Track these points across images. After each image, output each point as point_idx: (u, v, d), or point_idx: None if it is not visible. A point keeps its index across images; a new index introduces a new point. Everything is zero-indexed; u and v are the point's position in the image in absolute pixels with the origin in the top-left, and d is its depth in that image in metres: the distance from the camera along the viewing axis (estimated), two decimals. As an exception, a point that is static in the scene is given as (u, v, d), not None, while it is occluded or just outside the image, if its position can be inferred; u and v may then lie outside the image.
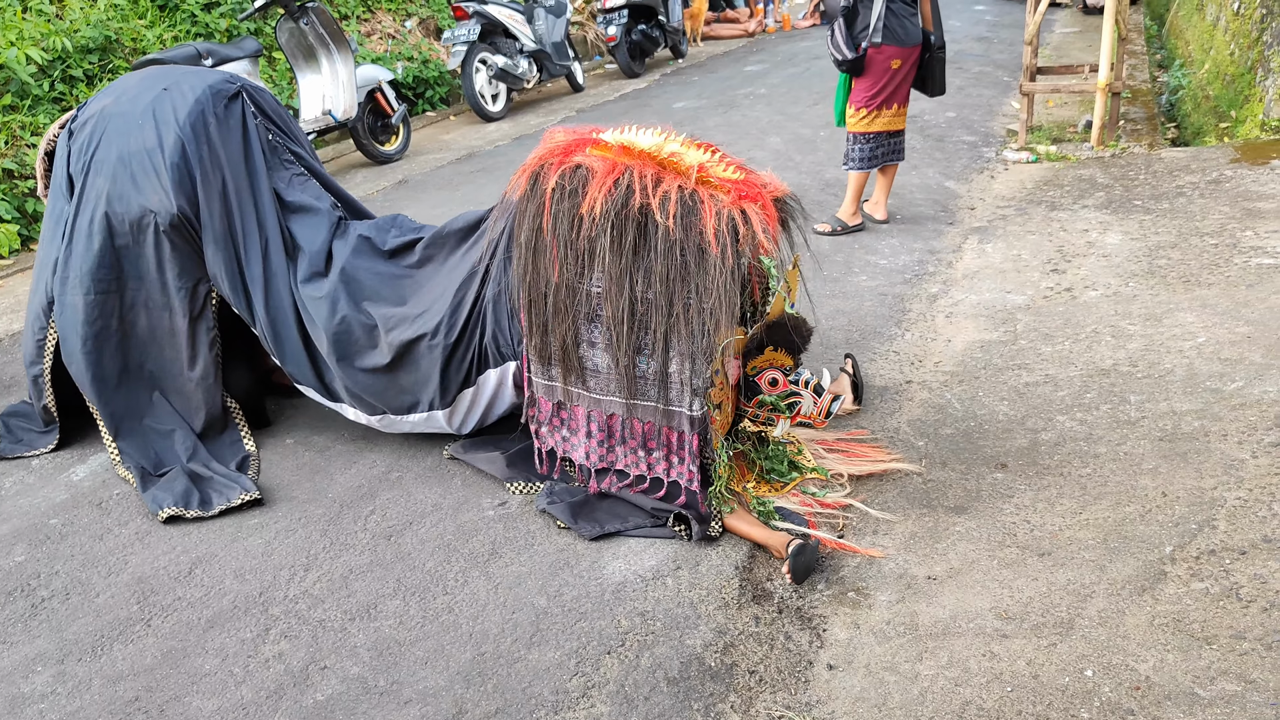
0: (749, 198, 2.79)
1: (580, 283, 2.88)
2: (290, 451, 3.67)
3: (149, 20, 8.44)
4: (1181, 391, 3.44)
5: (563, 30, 10.55)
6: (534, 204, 2.90)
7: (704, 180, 2.81)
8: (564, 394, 3.09)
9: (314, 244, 3.55)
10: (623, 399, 2.97)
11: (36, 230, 6.74)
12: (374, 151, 8.27)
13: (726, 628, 2.58)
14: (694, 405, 2.90)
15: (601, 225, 2.77)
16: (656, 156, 2.84)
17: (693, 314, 2.76)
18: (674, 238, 2.73)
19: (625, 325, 2.83)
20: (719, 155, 2.94)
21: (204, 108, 3.53)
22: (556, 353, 2.99)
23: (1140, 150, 6.64)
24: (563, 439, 3.19)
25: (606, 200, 2.77)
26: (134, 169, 3.45)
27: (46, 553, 3.14)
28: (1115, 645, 2.35)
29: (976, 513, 2.95)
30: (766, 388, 3.08)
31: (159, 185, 3.43)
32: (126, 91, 3.63)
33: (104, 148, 3.50)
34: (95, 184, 3.48)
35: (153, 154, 3.45)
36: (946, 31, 12.24)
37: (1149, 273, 4.51)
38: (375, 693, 2.44)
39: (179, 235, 3.46)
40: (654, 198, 2.75)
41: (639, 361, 2.91)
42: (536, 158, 2.95)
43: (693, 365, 2.83)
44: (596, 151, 2.90)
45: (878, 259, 5.14)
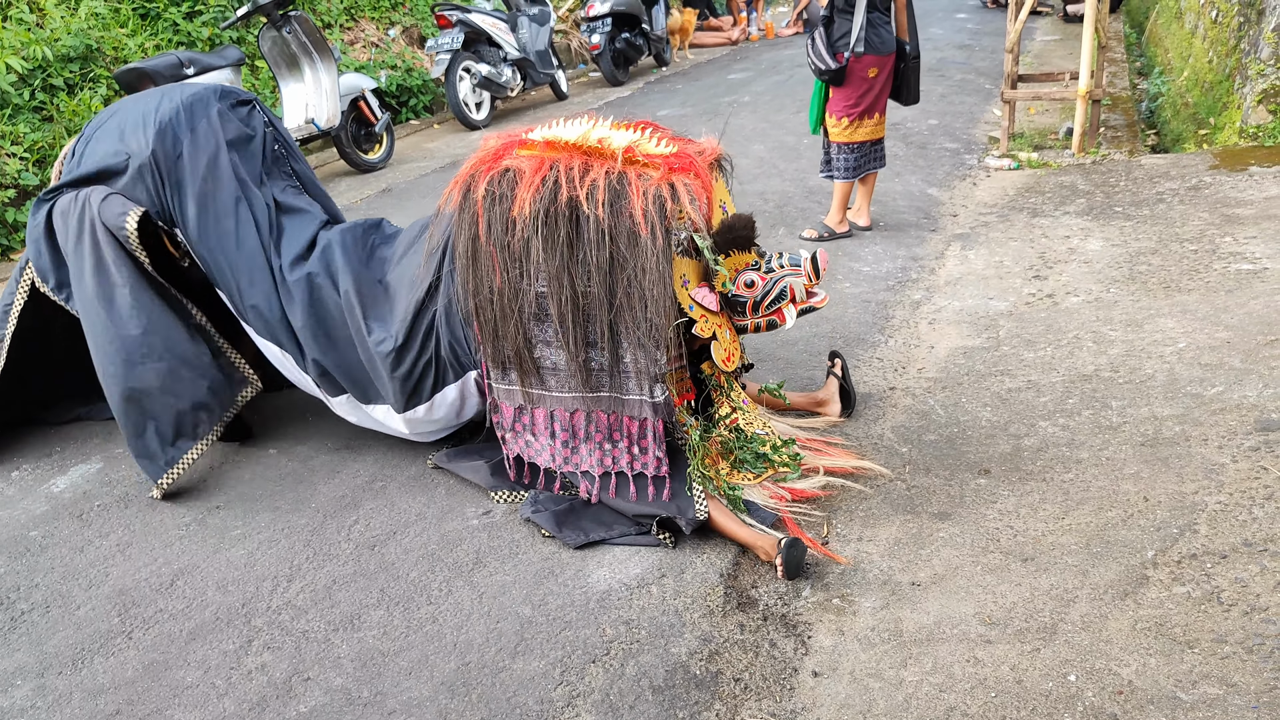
0: (680, 169, 2.80)
1: (523, 284, 2.88)
2: (273, 461, 3.65)
3: (130, 29, 8.41)
4: (1162, 396, 3.46)
5: (546, 38, 10.57)
6: (467, 214, 2.91)
7: (632, 160, 2.81)
8: (524, 396, 3.09)
9: (300, 235, 3.55)
10: (582, 393, 2.98)
11: (16, 240, 6.70)
12: (357, 160, 8.26)
13: (711, 635, 2.58)
14: (655, 391, 2.90)
15: (532, 226, 2.78)
16: (583, 146, 2.86)
17: (634, 300, 2.77)
18: (604, 226, 2.73)
19: (571, 320, 2.84)
20: (650, 132, 2.95)
21: (210, 94, 3.58)
22: (511, 357, 3.00)
23: (1121, 157, 6.69)
24: (526, 444, 3.19)
25: (535, 200, 2.78)
26: (125, 129, 3.47)
27: (26, 565, 3.11)
28: (1098, 650, 2.36)
29: (960, 518, 2.96)
30: (745, 290, 3.06)
31: (142, 136, 3.43)
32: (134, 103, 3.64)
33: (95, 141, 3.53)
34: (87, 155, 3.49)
35: (146, 115, 3.47)
36: (928, 39, 12.35)
37: (1130, 279, 4.54)
38: (359, 704, 2.43)
39: (148, 176, 3.41)
40: (581, 189, 2.76)
41: (591, 355, 2.91)
42: (468, 167, 2.96)
43: (645, 352, 2.83)
44: (524, 152, 2.91)
45: (861, 266, 5.15)
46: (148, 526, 3.28)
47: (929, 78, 10.01)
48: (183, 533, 3.23)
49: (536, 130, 3.01)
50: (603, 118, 3.04)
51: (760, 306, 3.08)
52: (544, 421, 3.11)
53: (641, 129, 2.97)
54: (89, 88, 7.66)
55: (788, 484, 3.13)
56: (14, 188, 6.73)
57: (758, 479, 3.14)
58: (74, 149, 3.59)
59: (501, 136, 3.04)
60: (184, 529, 3.25)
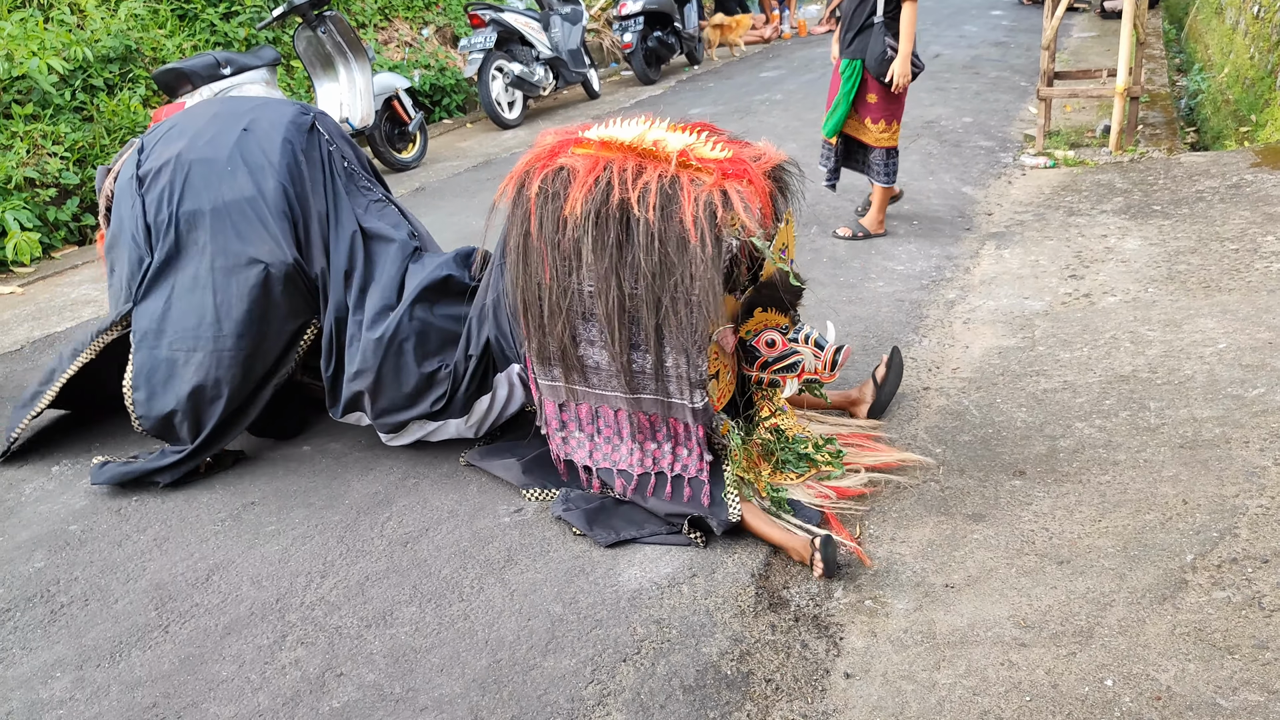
0: (734, 175, 2.78)
1: (571, 282, 2.88)
2: (307, 458, 3.68)
3: (169, 30, 8.51)
4: (1202, 398, 3.41)
5: (579, 37, 10.58)
6: (520, 210, 2.91)
7: (686, 164, 2.79)
8: (567, 393, 3.09)
9: (386, 274, 3.50)
10: (624, 394, 2.97)
11: (58, 239, 6.80)
12: (391, 159, 8.31)
13: (742, 636, 2.57)
14: (695, 397, 2.90)
15: (583, 226, 2.78)
16: (638, 147, 2.84)
17: (680, 306, 2.76)
18: (654, 230, 2.72)
19: (617, 322, 2.83)
20: (707, 135, 2.93)
21: (294, 145, 3.50)
22: (555, 353, 3.00)
23: (1159, 155, 6.59)
24: (562, 440, 3.19)
25: (586, 200, 2.77)
26: (234, 220, 3.39)
27: (66, 559, 3.16)
28: (1136, 655, 2.33)
29: (994, 520, 2.93)
30: (765, 349, 3.08)
31: (267, 235, 3.38)
32: (200, 134, 3.54)
33: (190, 198, 3.43)
34: (195, 238, 3.42)
35: (254, 203, 3.40)
36: (963, 36, 12.27)
37: (1168, 278, 4.48)
38: (391, 700, 2.44)
39: (291, 284, 3.42)
40: (633, 191, 2.74)
41: (634, 356, 2.91)
42: (523, 164, 2.96)
43: (688, 358, 2.83)
44: (580, 151, 2.90)
45: (895, 265, 5.12)
46: (184, 521, 3.32)
47: (963, 75, 9.94)
48: (218, 528, 3.26)
49: (593, 129, 3.00)
50: (659, 119, 3.01)
51: (770, 367, 3.11)
52: (587, 417, 3.11)
53: (698, 132, 2.95)
54: (128, 88, 7.76)
55: (831, 483, 3.13)
56: (55, 186, 6.83)
57: (801, 479, 3.14)
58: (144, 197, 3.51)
59: (558, 133, 3.03)
60: (219, 524, 3.28)
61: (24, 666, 2.67)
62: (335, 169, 3.60)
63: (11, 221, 6.31)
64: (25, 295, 5.99)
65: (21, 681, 2.62)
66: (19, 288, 6.10)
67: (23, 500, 3.54)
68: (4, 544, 3.27)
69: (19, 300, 5.90)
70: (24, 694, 2.57)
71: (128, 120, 7.43)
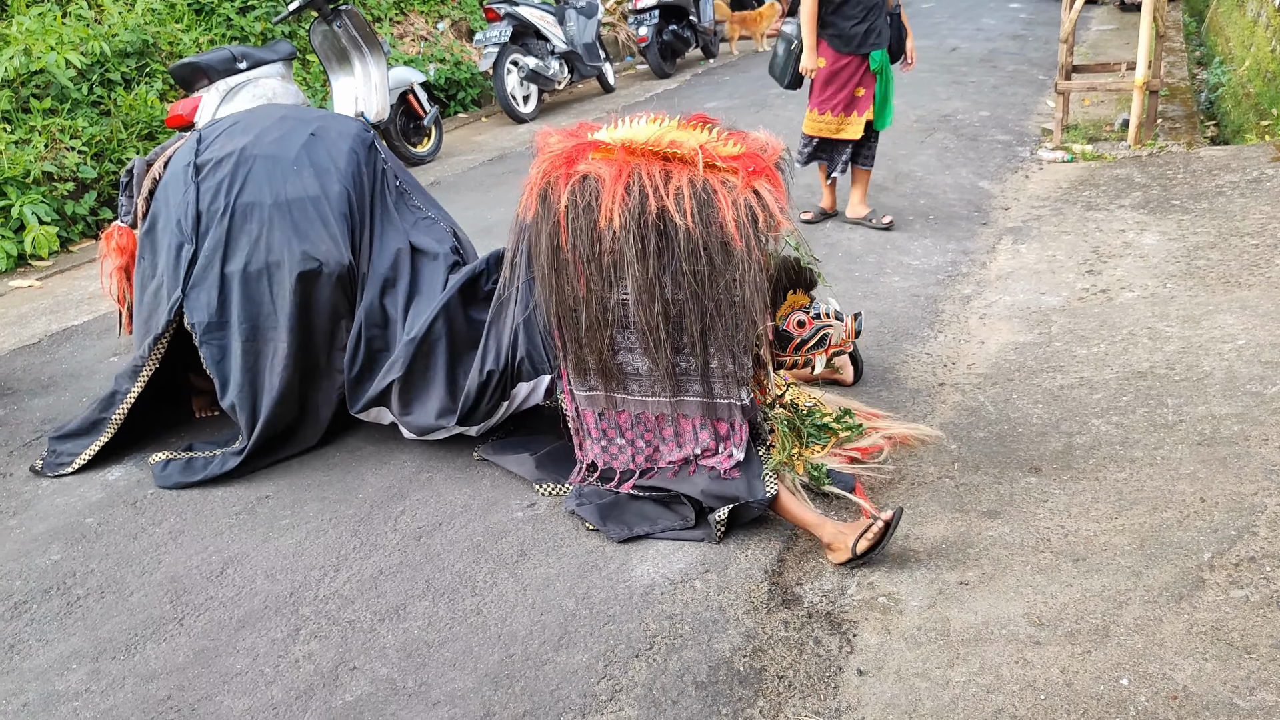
0: (757, 172, 2.75)
1: (609, 294, 2.85)
2: (321, 452, 3.69)
3: (185, 24, 8.54)
4: (1221, 395, 3.38)
5: (594, 31, 10.56)
6: (548, 223, 2.84)
7: (710, 165, 2.76)
8: (606, 401, 3.05)
9: (431, 287, 3.56)
10: (667, 398, 2.96)
11: (75, 233, 6.83)
12: (406, 153, 8.31)
13: (755, 632, 2.57)
14: (742, 394, 2.90)
15: (623, 238, 2.73)
16: (658, 149, 2.80)
17: (724, 309, 2.75)
18: (695, 236, 2.70)
19: (661, 329, 2.81)
20: (716, 131, 2.90)
21: (359, 157, 3.60)
22: (594, 365, 2.96)
23: (1178, 149, 6.54)
24: (602, 449, 3.15)
25: (623, 211, 2.73)
26: (295, 216, 3.44)
27: (82, 551, 3.18)
28: (1152, 653, 2.31)
29: (1009, 517, 2.91)
30: (795, 330, 3.17)
31: (326, 235, 3.43)
32: (267, 131, 3.59)
33: (252, 189, 3.46)
34: (247, 229, 3.45)
35: (317, 202, 3.45)
36: (980, 30, 12.23)
37: (1187, 273, 4.44)
38: (404, 694, 2.45)
39: (340, 285, 3.46)
40: (668, 197, 2.71)
41: (678, 360, 2.89)
42: (540, 172, 2.89)
43: (734, 358, 2.82)
44: (599, 155, 2.84)
45: (910, 259, 5.09)
46: (199, 515, 3.33)
47: (981, 68, 9.88)
48: (232, 521, 3.27)
49: (603, 130, 2.96)
50: (668, 115, 2.98)
51: (803, 348, 3.21)
52: (627, 423, 3.08)
53: (702, 126, 2.92)
54: (145, 82, 7.79)
55: (852, 444, 3.22)
56: (73, 180, 6.86)
57: (824, 449, 3.18)
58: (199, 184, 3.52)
59: (563, 135, 2.97)
60: (234, 518, 3.29)
61: (40, 658, 2.69)
62: (388, 185, 3.69)
63: (30, 215, 6.35)
64: (43, 289, 6.03)
65: (38, 673, 2.63)
66: (37, 281, 6.14)
67: (40, 493, 3.56)
68: (21, 536, 3.29)
69: (37, 293, 5.93)
70: (40, 685, 2.58)
71: (145, 115, 7.46)
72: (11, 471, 3.73)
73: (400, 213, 3.68)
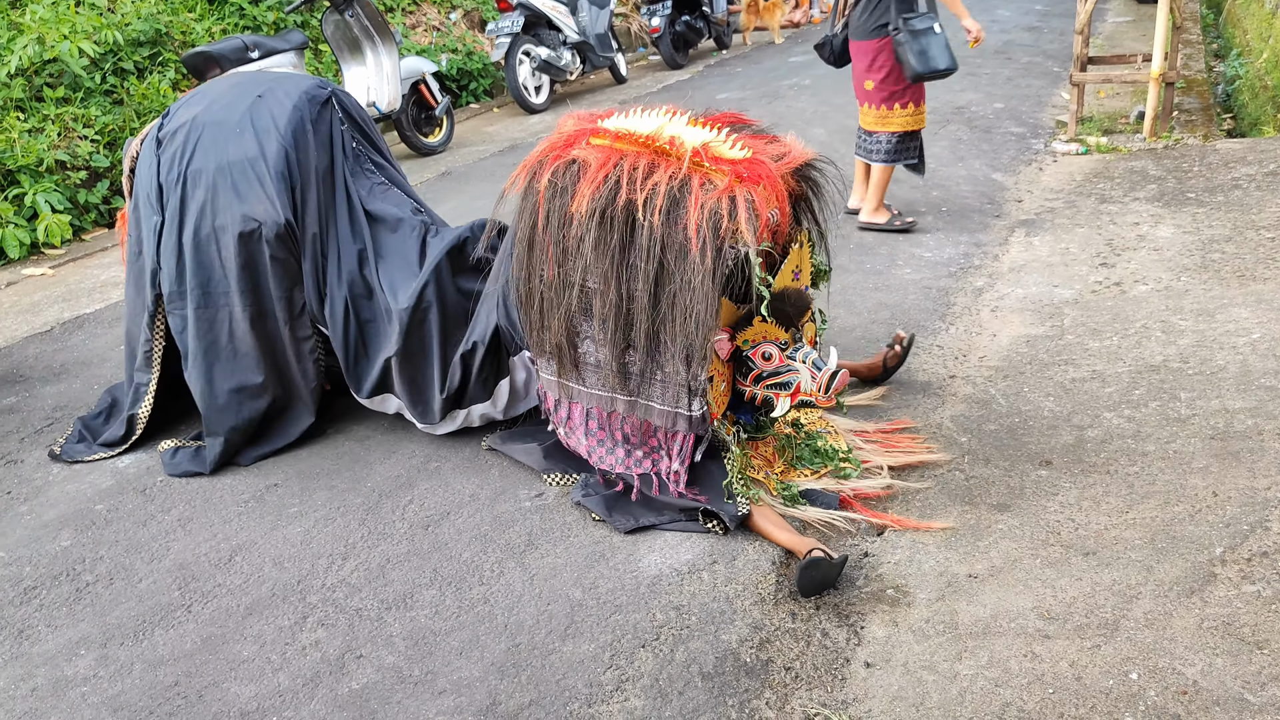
0: (750, 179, 2.70)
1: (574, 278, 2.84)
2: (330, 441, 3.70)
3: (198, 13, 8.55)
4: (1234, 388, 3.35)
5: (606, 22, 10.53)
6: (529, 202, 2.88)
7: (700, 164, 2.72)
8: (561, 389, 3.07)
9: (399, 251, 3.53)
10: (618, 395, 2.95)
11: (88, 220, 6.86)
12: (417, 143, 8.32)
13: (762, 623, 2.56)
14: (694, 406, 2.85)
15: (586, 224, 2.73)
16: (654, 143, 2.78)
17: (677, 313, 2.70)
18: (657, 234, 2.67)
19: (614, 323, 2.80)
20: (728, 131, 2.86)
21: (302, 114, 3.52)
22: (554, 348, 2.97)
23: (1194, 141, 6.48)
24: (566, 434, 3.18)
25: (594, 198, 2.72)
26: (235, 178, 3.42)
27: (92, 538, 3.19)
28: (1162, 648, 2.29)
29: (1019, 510, 2.89)
30: (760, 362, 2.94)
31: (263, 194, 3.40)
32: (219, 99, 3.59)
33: (200, 157, 3.46)
34: (195, 195, 3.44)
35: (255, 163, 3.42)
36: (995, 21, 12.14)
37: (1202, 267, 4.40)
38: (410, 682, 2.45)
39: (282, 245, 3.43)
40: (641, 192, 2.68)
41: (630, 358, 2.87)
42: (538, 153, 2.91)
43: (686, 365, 2.76)
44: (595, 142, 2.84)
45: (922, 251, 5.06)
46: (208, 502, 3.34)
47: (995, 60, 9.82)
48: (241, 509, 3.28)
49: (612, 118, 2.95)
50: (682, 111, 2.95)
51: (763, 381, 2.96)
52: (580, 417, 3.10)
53: (719, 126, 2.88)
54: (158, 71, 7.81)
55: (851, 483, 3.06)
56: (85, 169, 6.89)
57: (816, 475, 3.10)
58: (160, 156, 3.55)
59: (580, 118, 2.98)
60: (243, 505, 3.30)
61: (49, 643, 2.70)
62: (346, 149, 3.63)
63: (42, 204, 6.38)
64: (56, 277, 6.05)
65: (47, 658, 2.64)
66: (49, 269, 6.17)
67: (51, 480, 3.58)
68: (32, 522, 3.31)
69: (50, 281, 5.96)
70: (49, 670, 2.59)
71: (157, 103, 7.48)
72: (23, 458, 3.75)
73: (356, 177, 3.63)
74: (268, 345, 3.54)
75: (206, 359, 3.51)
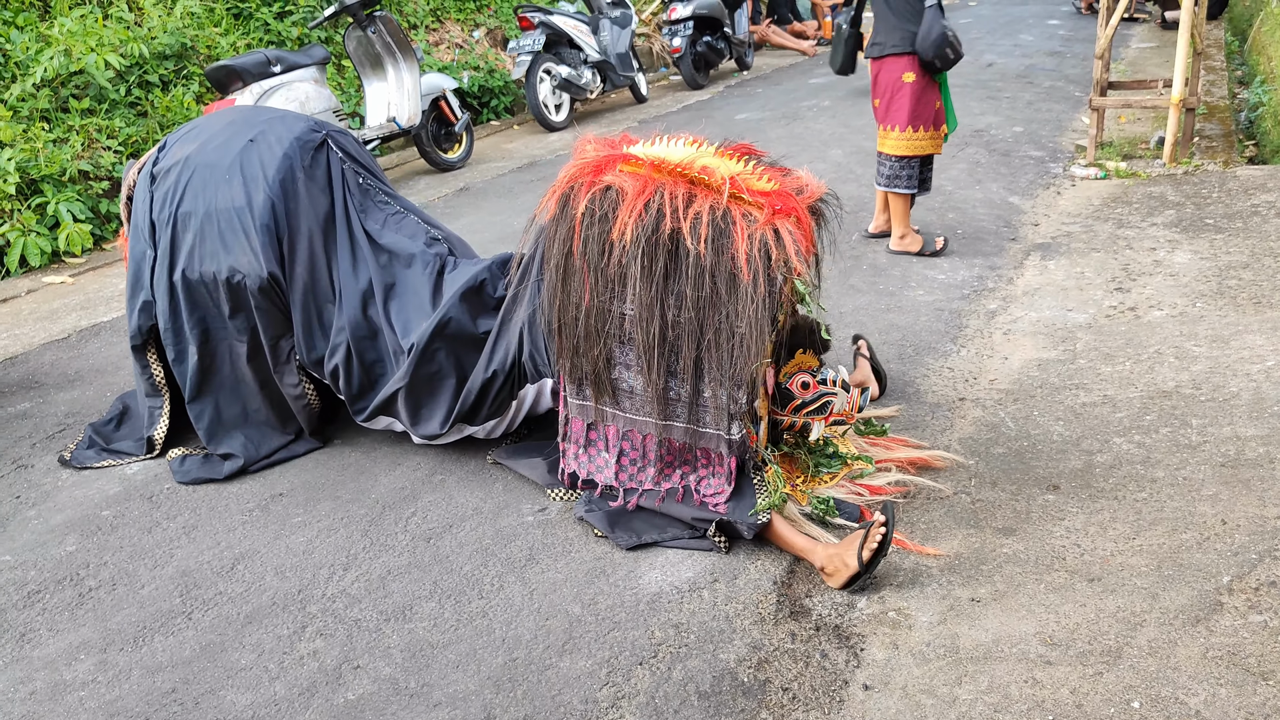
0: (783, 212, 2.70)
1: (612, 306, 2.83)
2: (335, 451, 3.71)
3: (223, 28, 8.65)
4: (1247, 416, 3.31)
5: (627, 41, 10.58)
6: (564, 227, 2.84)
7: (736, 196, 2.72)
8: (596, 414, 3.04)
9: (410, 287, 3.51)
10: (656, 420, 2.92)
11: (109, 230, 6.93)
12: (437, 159, 8.36)
13: (761, 643, 2.54)
14: (732, 429, 2.85)
15: (632, 252, 2.71)
16: (688, 172, 2.76)
17: (723, 340, 2.71)
18: (705, 263, 2.67)
19: (656, 350, 2.78)
20: (753, 164, 2.86)
21: (292, 161, 3.50)
22: (589, 375, 2.95)
23: (1215, 168, 6.44)
24: (589, 459, 3.13)
25: (637, 225, 2.71)
26: (222, 227, 3.43)
27: (97, 543, 3.20)
28: (1165, 677, 2.26)
29: (1025, 534, 2.86)
30: (799, 391, 3.06)
31: (247, 246, 3.41)
32: (212, 138, 3.59)
33: (189, 200, 3.47)
34: (185, 239, 3.47)
35: (241, 214, 3.42)
36: (1017, 45, 12.11)
37: (1218, 293, 4.36)
38: (406, 694, 2.44)
39: (265, 297, 3.44)
40: (685, 220, 2.68)
41: (671, 385, 2.86)
42: (567, 176, 2.89)
43: (728, 391, 2.77)
44: (627, 169, 2.82)
45: (935, 274, 5.04)
46: (213, 510, 3.35)
47: (1016, 84, 9.79)
48: (245, 518, 3.29)
49: (639, 145, 2.94)
50: (706, 141, 2.95)
51: (802, 410, 3.10)
52: (614, 439, 3.06)
53: (742, 156, 2.89)
54: (182, 84, 7.90)
55: (864, 481, 3.12)
56: (108, 180, 6.96)
57: (834, 479, 3.12)
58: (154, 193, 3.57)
59: (600, 144, 2.96)
60: (247, 514, 3.31)
61: (50, 647, 2.71)
62: (349, 187, 3.62)
63: (65, 213, 6.45)
64: (75, 285, 6.11)
65: (46, 662, 2.65)
66: (69, 277, 6.23)
67: (60, 485, 3.60)
68: (39, 527, 3.33)
69: (69, 289, 6.01)
70: (48, 674, 2.60)
71: (180, 116, 7.56)
72: (33, 463, 3.78)
73: (368, 212, 3.62)
74: (265, 376, 3.60)
75: (212, 390, 3.58)
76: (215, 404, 3.60)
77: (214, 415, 3.60)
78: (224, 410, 3.61)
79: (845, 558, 2.68)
